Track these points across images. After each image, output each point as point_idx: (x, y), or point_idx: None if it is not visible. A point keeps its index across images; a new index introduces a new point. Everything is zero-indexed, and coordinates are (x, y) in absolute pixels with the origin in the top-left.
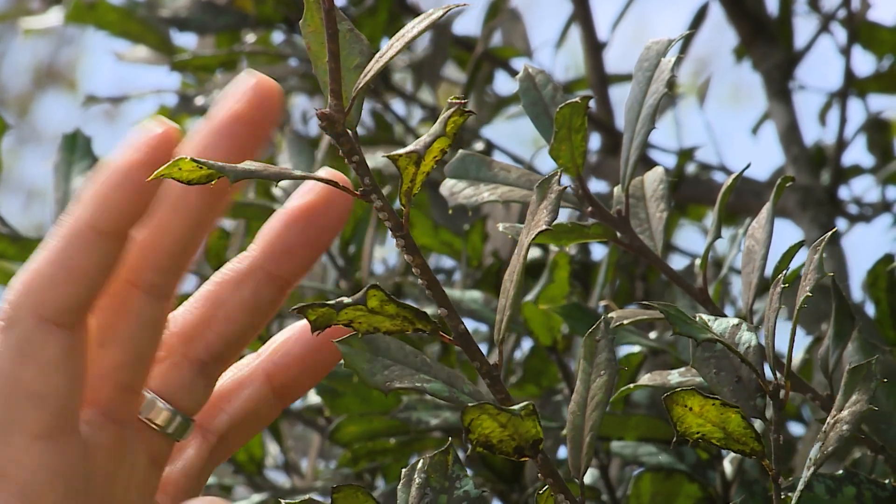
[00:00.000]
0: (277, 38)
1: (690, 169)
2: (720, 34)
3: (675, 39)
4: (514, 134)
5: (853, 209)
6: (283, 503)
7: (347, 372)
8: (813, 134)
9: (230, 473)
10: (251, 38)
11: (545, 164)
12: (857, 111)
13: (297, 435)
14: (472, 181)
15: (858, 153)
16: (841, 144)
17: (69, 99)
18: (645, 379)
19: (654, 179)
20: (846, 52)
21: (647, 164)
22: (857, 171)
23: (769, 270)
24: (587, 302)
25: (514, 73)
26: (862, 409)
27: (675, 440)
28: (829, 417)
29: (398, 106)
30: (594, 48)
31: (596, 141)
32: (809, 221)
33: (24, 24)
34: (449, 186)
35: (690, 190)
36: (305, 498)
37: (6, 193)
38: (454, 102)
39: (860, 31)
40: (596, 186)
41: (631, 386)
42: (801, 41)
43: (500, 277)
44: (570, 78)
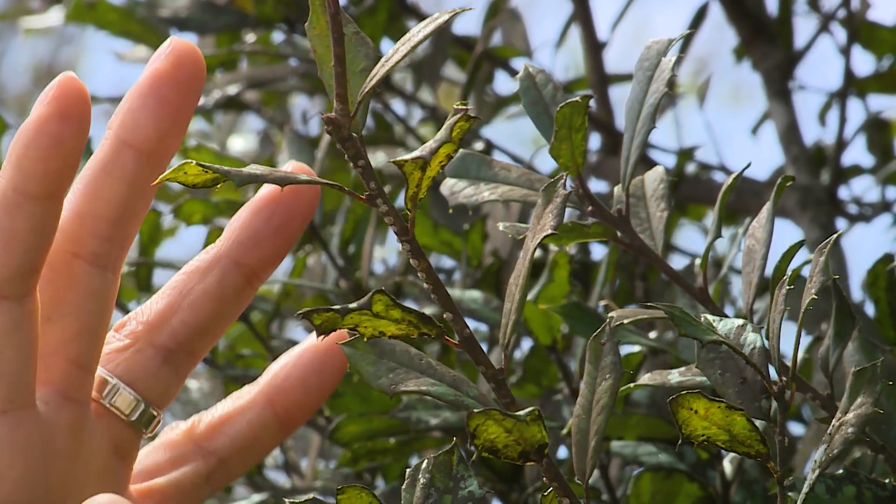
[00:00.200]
0: (277, 37)
1: (690, 169)
2: (720, 34)
3: (675, 39)
4: (514, 133)
5: (853, 209)
6: (287, 503)
7: (347, 372)
8: (813, 134)
9: None
10: (251, 37)
11: (545, 163)
12: (856, 111)
13: (296, 435)
14: (472, 180)
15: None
16: (841, 144)
17: None
18: (645, 379)
19: (654, 179)
20: (846, 52)
21: (647, 163)
22: (856, 170)
23: (769, 270)
24: (587, 301)
25: (514, 72)
26: (867, 411)
27: (680, 442)
28: (833, 420)
29: (398, 106)
30: (594, 48)
31: (596, 141)
32: (809, 221)
33: (24, 23)
34: (449, 186)
35: (690, 189)
36: (309, 497)
37: None
38: (460, 108)
39: (860, 30)
40: (596, 186)
41: (631, 386)
42: (800, 41)
43: (500, 277)
44: (570, 78)
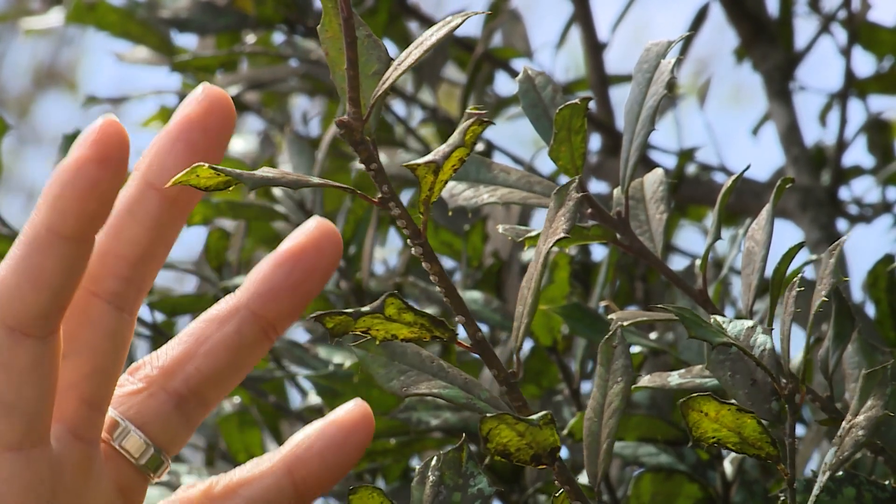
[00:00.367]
0: (278, 38)
1: (691, 170)
2: (720, 35)
3: (675, 40)
4: (513, 135)
5: (853, 210)
6: None
7: (347, 372)
8: (813, 135)
9: None
10: (251, 38)
11: (545, 165)
12: (857, 112)
13: None
14: (471, 183)
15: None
16: (841, 145)
17: (69, 100)
18: (645, 380)
19: (653, 181)
20: (846, 52)
21: (647, 165)
22: (857, 171)
23: (769, 271)
24: (587, 302)
25: (514, 73)
26: (878, 414)
27: (689, 444)
28: (843, 422)
29: (398, 106)
30: (594, 49)
31: (596, 142)
32: (810, 222)
33: (24, 24)
34: (449, 188)
35: (690, 191)
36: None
37: (6, 194)
38: (473, 113)
39: (860, 31)
40: (596, 188)
41: (631, 386)
42: (801, 42)
43: (500, 278)
44: (570, 79)
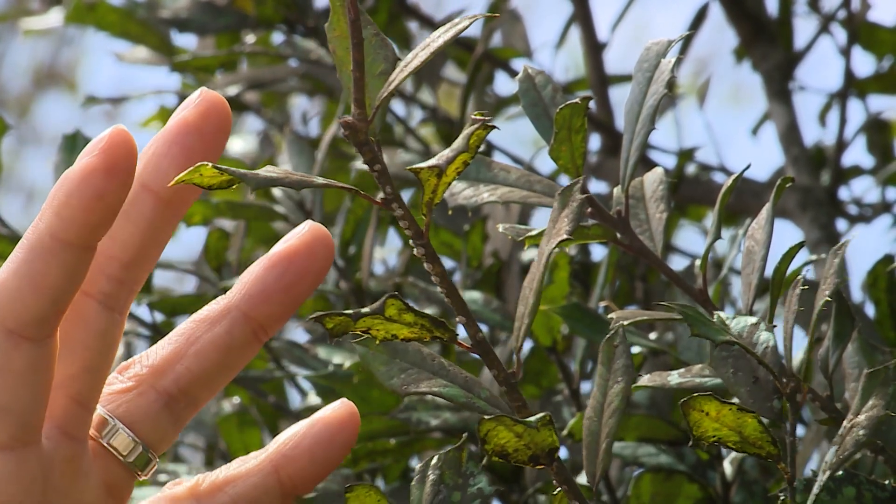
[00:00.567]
0: (277, 38)
1: (690, 169)
2: (720, 35)
3: (674, 40)
4: (513, 135)
5: (853, 210)
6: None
7: (347, 373)
8: (813, 134)
9: None
10: (251, 38)
11: (545, 164)
12: (857, 112)
13: None
14: (471, 182)
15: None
16: (841, 145)
17: (69, 100)
18: (645, 380)
19: (653, 180)
20: (846, 52)
21: (646, 164)
22: (857, 171)
23: (769, 271)
24: (587, 302)
25: (514, 73)
26: (879, 413)
27: (690, 444)
28: (845, 422)
29: (398, 106)
30: (594, 49)
31: (596, 142)
32: (809, 222)
33: (24, 24)
34: (449, 187)
35: (690, 190)
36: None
37: (6, 194)
38: (478, 119)
39: (860, 31)
40: (596, 187)
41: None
42: (800, 42)
43: (500, 278)
44: (570, 78)
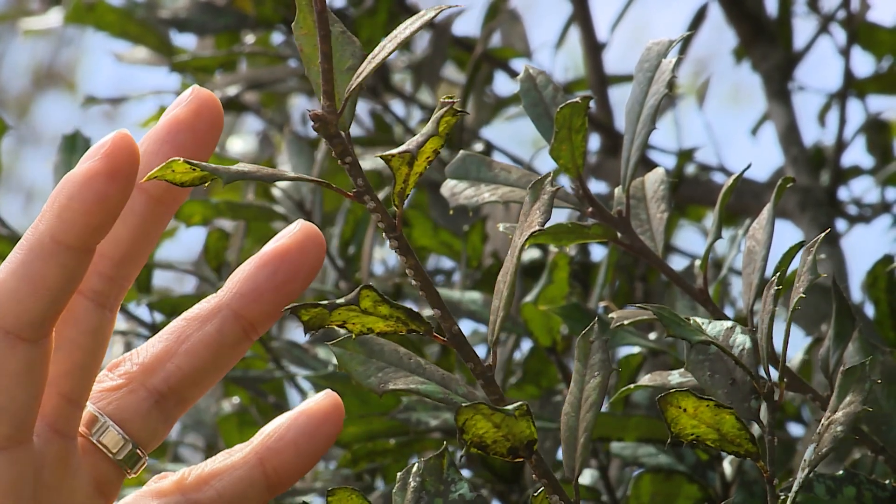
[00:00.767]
0: (277, 39)
1: (690, 170)
2: (720, 35)
3: (675, 40)
4: (514, 135)
5: (853, 210)
6: None
7: (346, 374)
8: (812, 135)
9: None
10: (250, 38)
11: (545, 164)
12: (856, 112)
13: None
14: (472, 182)
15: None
16: (840, 145)
17: (69, 100)
18: (645, 380)
19: (654, 180)
20: (845, 52)
21: (647, 164)
22: (856, 171)
23: (770, 271)
24: (587, 303)
25: (513, 73)
26: (856, 409)
27: (668, 441)
28: (822, 419)
29: (398, 107)
30: (594, 49)
31: (596, 142)
32: (809, 222)
33: (23, 24)
34: (450, 187)
35: (690, 191)
36: (300, 501)
37: (6, 194)
38: (446, 102)
39: (859, 31)
40: (596, 187)
41: (631, 387)
42: (800, 42)
43: None
44: (569, 79)
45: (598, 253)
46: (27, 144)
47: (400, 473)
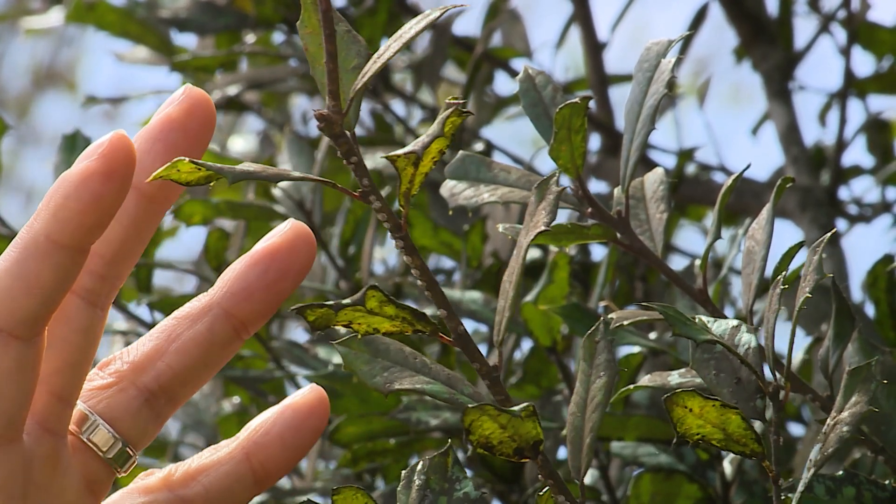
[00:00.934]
0: (277, 38)
1: (690, 169)
2: (720, 35)
3: (675, 40)
4: (513, 135)
5: (853, 210)
6: None
7: (347, 373)
8: (813, 134)
9: None
10: (251, 38)
11: (545, 164)
12: (856, 112)
13: None
14: (472, 182)
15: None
16: (841, 145)
17: (69, 100)
18: (645, 380)
19: (654, 180)
20: (846, 52)
21: (647, 164)
22: (856, 171)
23: (769, 271)
24: (587, 302)
25: (513, 73)
26: (862, 410)
27: (675, 441)
28: (828, 419)
29: (398, 106)
30: (594, 49)
31: (596, 142)
32: (809, 222)
33: (24, 24)
34: (449, 187)
35: (690, 190)
36: (304, 500)
37: (6, 194)
38: (452, 103)
39: (860, 31)
40: (596, 187)
41: (631, 387)
42: (800, 42)
43: (499, 278)
44: (569, 78)
45: (598, 253)
46: (27, 144)
47: (404, 471)
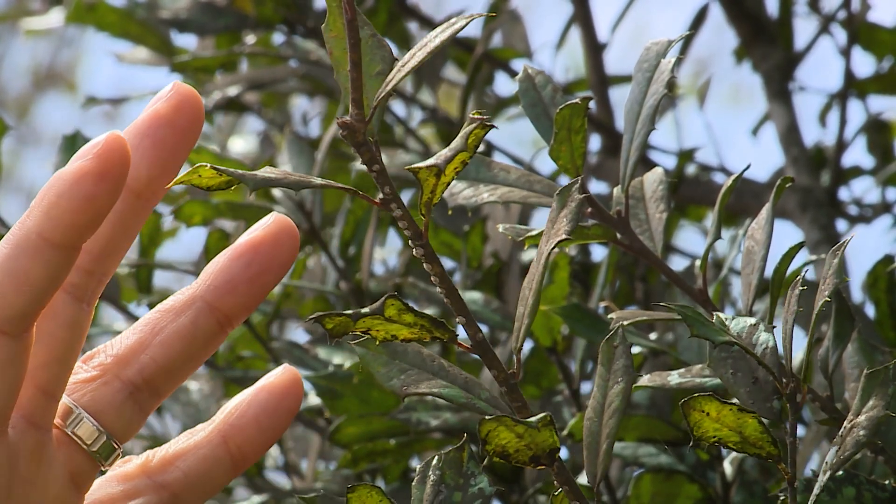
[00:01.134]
0: (277, 39)
1: (690, 170)
2: (720, 35)
3: (674, 40)
4: (513, 135)
5: (853, 210)
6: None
7: (347, 373)
8: (813, 135)
9: None
10: (251, 39)
11: (545, 165)
12: (856, 112)
13: (296, 436)
14: (471, 182)
15: (858, 154)
16: (841, 145)
17: (69, 100)
18: (645, 380)
19: (653, 180)
20: (846, 53)
21: (646, 165)
22: (857, 172)
23: (769, 272)
24: (587, 303)
25: (514, 74)
26: (879, 414)
27: (690, 444)
28: (845, 422)
29: (398, 107)
30: (594, 49)
31: (596, 142)
32: (809, 222)
33: (24, 24)
34: (449, 187)
35: (690, 191)
36: (313, 495)
37: (6, 194)
38: (476, 118)
39: (860, 32)
40: (596, 187)
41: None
42: (801, 42)
43: (499, 279)
44: (570, 79)
45: (598, 253)
46: (27, 144)
47: (419, 466)
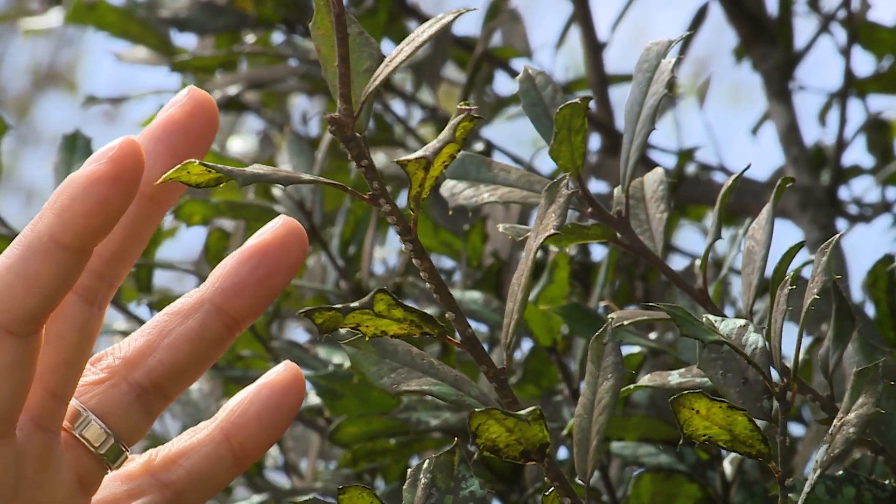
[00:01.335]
0: (277, 38)
1: (690, 169)
2: (720, 35)
3: (674, 40)
4: (513, 135)
5: (853, 210)
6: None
7: (347, 373)
8: (813, 134)
9: None
10: (251, 38)
11: (545, 164)
12: (856, 111)
13: (296, 435)
14: (472, 182)
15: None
16: (841, 145)
17: (69, 100)
18: (645, 380)
19: (653, 180)
20: (846, 52)
21: (647, 164)
22: (856, 171)
23: (769, 271)
24: (587, 302)
25: (513, 73)
26: (868, 411)
27: (681, 442)
28: (835, 420)
29: (398, 106)
30: (594, 49)
31: (596, 142)
32: (809, 222)
33: (24, 24)
34: (449, 187)
35: (690, 190)
36: (310, 497)
37: (6, 194)
38: (464, 109)
39: (860, 31)
40: (596, 187)
41: (631, 387)
42: (800, 42)
43: (500, 278)
44: (569, 78)
45: (598, 253)
46: (27, 144)
47: (410, 469)
